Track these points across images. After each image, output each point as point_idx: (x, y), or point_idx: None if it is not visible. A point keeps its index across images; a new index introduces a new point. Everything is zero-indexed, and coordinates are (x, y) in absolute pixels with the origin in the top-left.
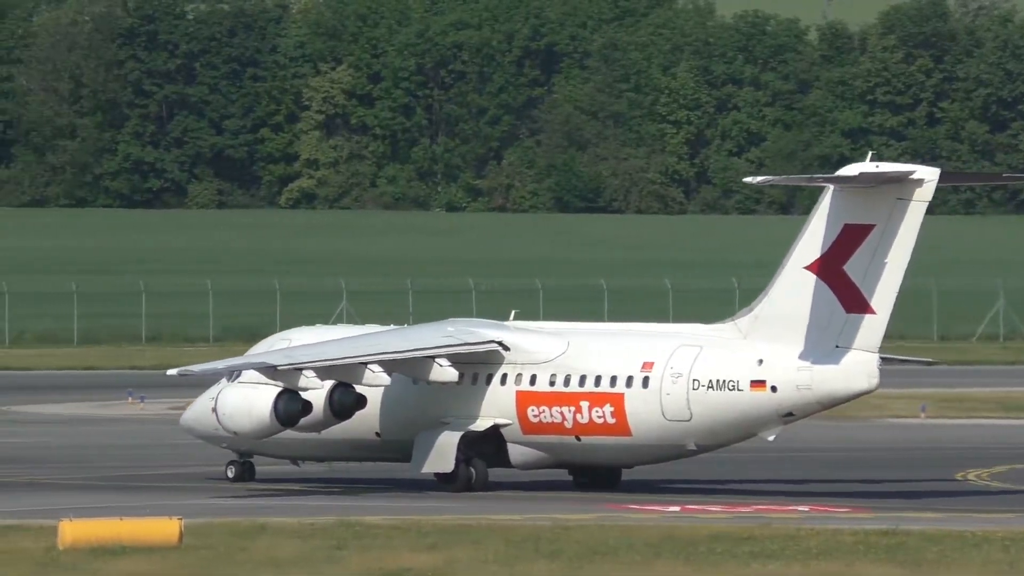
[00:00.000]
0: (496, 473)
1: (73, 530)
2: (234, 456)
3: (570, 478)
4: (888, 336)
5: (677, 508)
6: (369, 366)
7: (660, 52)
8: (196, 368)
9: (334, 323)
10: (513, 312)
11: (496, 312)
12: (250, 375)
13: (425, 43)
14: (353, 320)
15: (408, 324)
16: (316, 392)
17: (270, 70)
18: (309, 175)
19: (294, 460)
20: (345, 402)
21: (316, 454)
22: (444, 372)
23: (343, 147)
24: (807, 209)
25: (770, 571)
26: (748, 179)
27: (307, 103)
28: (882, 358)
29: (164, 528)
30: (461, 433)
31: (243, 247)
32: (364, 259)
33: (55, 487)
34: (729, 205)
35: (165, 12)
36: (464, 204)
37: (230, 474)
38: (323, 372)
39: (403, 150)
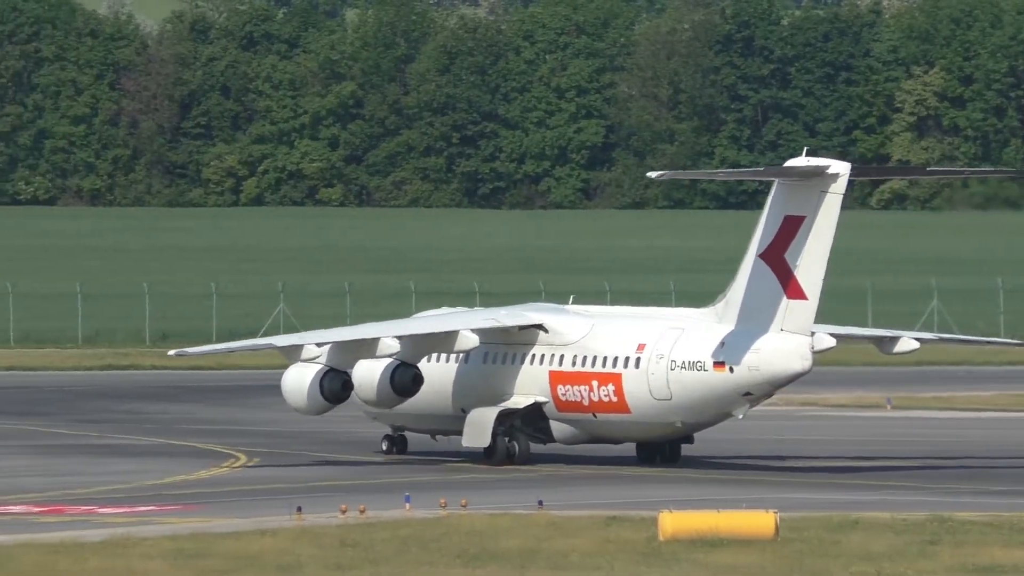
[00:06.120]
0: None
1: (673, 521)
2: (388, 431)
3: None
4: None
5: None
6: (382, 341)
7: None
8: (192, 350)
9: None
10: (572, 296)
11: None
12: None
13: (1018, 45)
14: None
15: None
16: (376, 370)
17: (863, 74)
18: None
19: (432, 434)
20: (404, 380)
21: (442, 428)
22: (467, 340)
23: (935, 148)
24: None
25: None
26: (651, 174)
27: (899, 105)
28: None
29: (760, 521)
30: (498, 409)
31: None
32: (955, 259)
33: (648, 479)
34: None
35: (761, 18)
36: None
37: (384, 447)
38: (332, 347)
39: (995, 151)
